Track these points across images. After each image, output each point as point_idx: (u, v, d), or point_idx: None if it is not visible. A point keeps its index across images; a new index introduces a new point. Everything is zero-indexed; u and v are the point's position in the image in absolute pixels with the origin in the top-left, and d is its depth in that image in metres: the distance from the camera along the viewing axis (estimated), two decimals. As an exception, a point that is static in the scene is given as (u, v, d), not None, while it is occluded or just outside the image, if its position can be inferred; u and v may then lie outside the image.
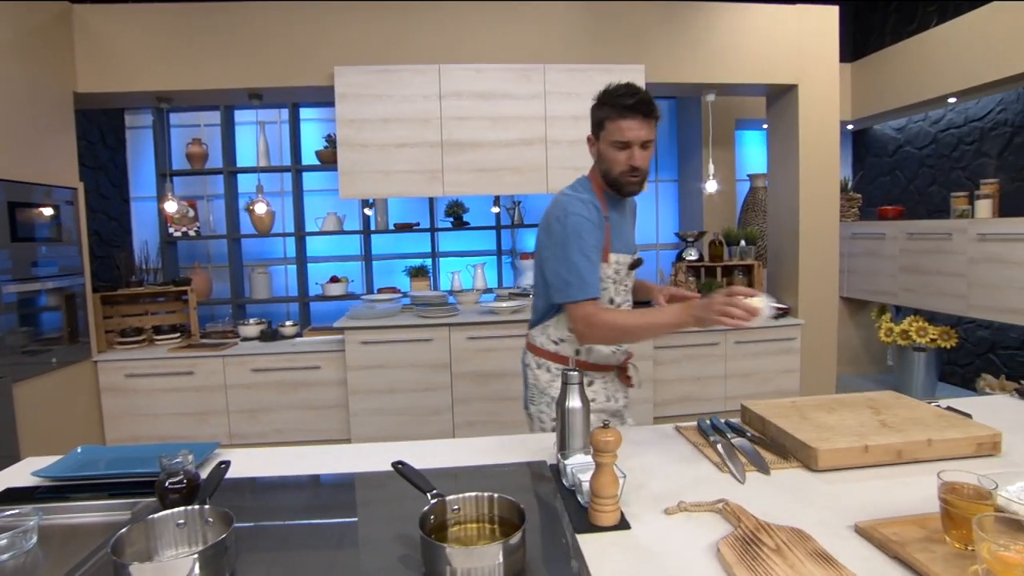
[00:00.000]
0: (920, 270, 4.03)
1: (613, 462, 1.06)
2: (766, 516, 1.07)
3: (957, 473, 1.00)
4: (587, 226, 1.52)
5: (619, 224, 1.64)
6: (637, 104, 1.49)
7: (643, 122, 1.50)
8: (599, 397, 1.71)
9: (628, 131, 1.50)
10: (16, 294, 2.83)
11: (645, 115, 1.49)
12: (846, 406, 1.56)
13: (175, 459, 1.18)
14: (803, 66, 3.68)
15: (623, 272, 1.66)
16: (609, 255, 1.60)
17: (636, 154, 1.51)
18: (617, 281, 1.66)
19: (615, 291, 1.66)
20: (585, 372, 1.65)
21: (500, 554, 0.88)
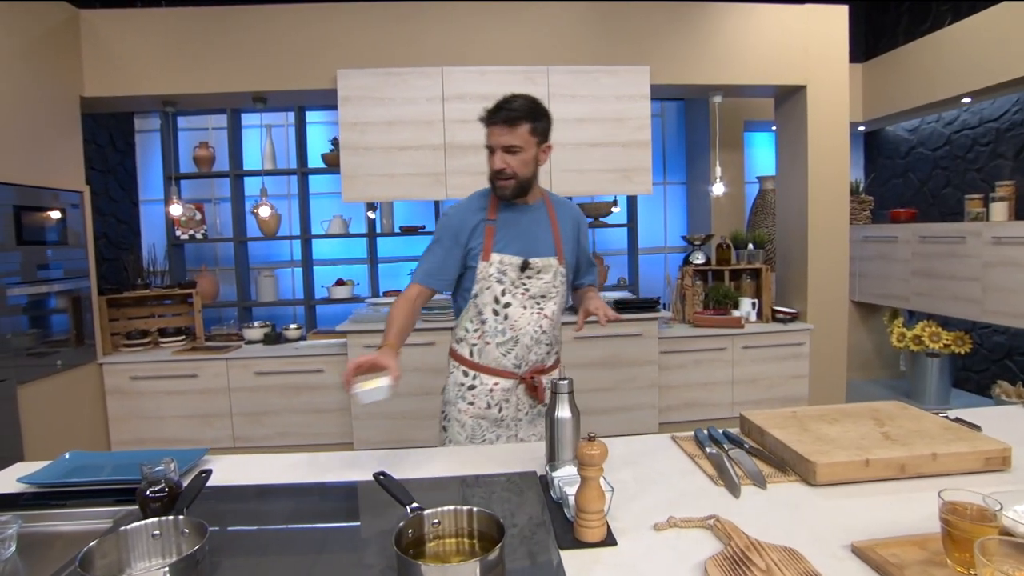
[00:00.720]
0: (933, 274, 3.94)
1: (599, 476, 1.03)
2: (760, 533, 1.04)
3: (960, 492, 0.96)
4: (447, 224, 1.71)
5: (512, 226, 1.69)
6: (495, 112, 1.61)
7: (504, 128, 1.60)
8: (478, 402, 1.72)
9: (490, 136, 1.64)
10: (22, 297, 2.85)
11: (505, 122, 1.59)
12: (849, 417, 1.52)
13: (157, 467, 1.16)
14: (811, 67, 3.61)
15: (512, 273, 1.67)
16: (490, 255, 1.66)
17: (496, 157, 1.63)
18: (504, 281, 1.67)
19: (502, 291, 1.68)
20: (478, 375, 1.72)
21: (477, 571, 0.85)
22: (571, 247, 1.78)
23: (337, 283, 4.41)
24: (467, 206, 1.73)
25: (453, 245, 1.68)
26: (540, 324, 1.70)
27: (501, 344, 1.69)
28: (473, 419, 1.73)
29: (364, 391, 1.31)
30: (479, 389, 1.72)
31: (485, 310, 1.68)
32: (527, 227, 1.70)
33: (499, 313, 1.68)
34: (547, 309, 1.72)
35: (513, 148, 1.60)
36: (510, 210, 1.71)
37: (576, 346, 3.46)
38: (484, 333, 1.70)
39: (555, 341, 1.79)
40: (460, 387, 1.75)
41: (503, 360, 1.70)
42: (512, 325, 1.68)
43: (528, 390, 1.74)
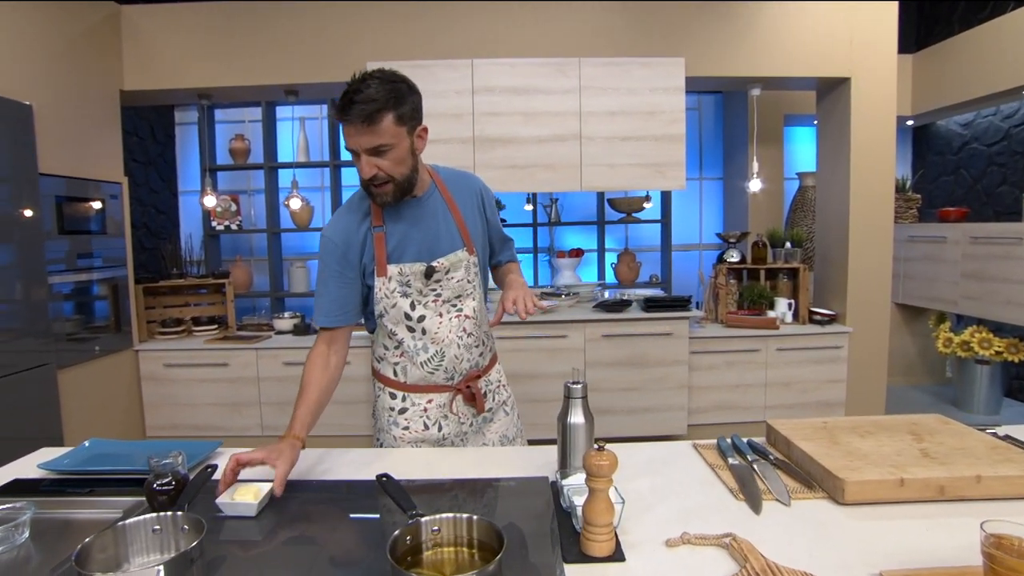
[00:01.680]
0: (985, 276, 3.73)
1: (608, 488, 0.99)
2: (779, 555, 0.98)
3: (1006, 523, 0.87)
4: (329, 247, 1.43)
5: (407, 230, 1.44)
6: (347, 106, 1.26)
7: (363, 127, 1.26)
8: (413, 424, 1.52)
9: (348, 138, 1.30)
10: (64, 284, 2.95)
11: (363, 120, 1.25)
12: (885, 430, 1.43)
13: (164, 461, 1.17)
14: (857, 58, 3.44)
15: (417, 282, 1.44)
16: (387, 267, 1.42)
17: (363, 163, 1.31)
18: (411, 293, 1.45)
19: (411, 304, 1.45)
20: (407, 394, 1.52)
21: None
22: (479, 228, 1.54)
23: (367, 275, 4.44)
24: (347, 219, 1.43)
25: (344, 268, 1.42)
26: (463, 327, 1.50)
27: (427, 362, 1.48)
28: (412, 445, 1.53)
29: (227, 503, 1.15)
30: (412, 411, 1.52)
31: (398, 329, 1.46)
32: (422, 224, 1.44)
33: (415, 329, 1.46)
34: (467, 309, 1.50)
35: (380, 148, 1.28)
36: (398, 209, 1.43)
37: (602, 344, 3.40)
38: (404, 353, 1.49)
39: (486, 338, 1.59)
40: (390, 412, 1.53)
41: (432, 377, 1.50)
42: (433, 338, 1.47)
43: (466, 400, 1.54)
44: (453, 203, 1.50)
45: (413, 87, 1.37)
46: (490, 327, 1.57)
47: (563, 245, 4.74)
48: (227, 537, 1.10)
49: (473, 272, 1.52)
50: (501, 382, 1.68)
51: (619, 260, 4.48)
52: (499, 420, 1.64)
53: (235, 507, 1.16)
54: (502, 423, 1.64)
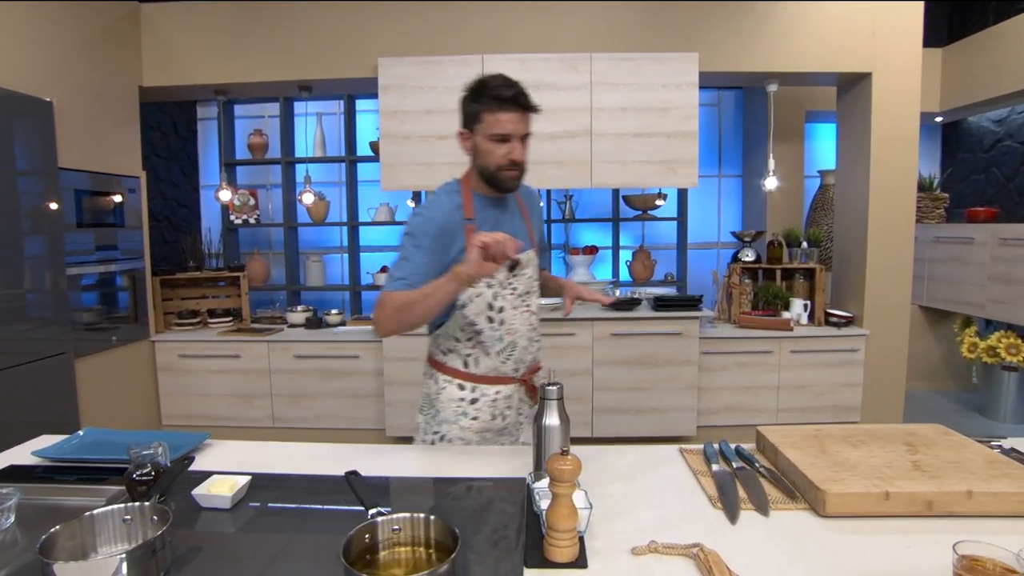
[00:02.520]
0: (1014, 280, 3.59)
1: (570, 493, 0.97)
2: (750, 568, 0.95)
3: (982, 545, 0.84)
4: (427, 225, 1.46)
5: (496, 225, 1.50)
6: (516, 96, 1.43)
7: (522, 115, 1.44)
8: (482, 415, 1.57)
9: (508, 124, 1.42)
10: (82, 275, 3.04)
11: (524, 108, 1.44)
12: (879, 440, 1.38)
13: (144, 451, 1.19)
14: (878, 52, 3.33)
15: (500, 275, 1.52)
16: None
17: (516, 148, 1.44)
18: (493, 285, 1.51)
19: (493, 295, 1.52)
20: (476, 385, 1.57)
21: None
22: (537, 232, 1.67)
23: (382, 270, 4.47)
24: (445, 204, 1.50)
25: (437, 249, 1.46)
26: (531, 322, 1.60)
27: (500, 352, 1.55)
28: (479, 435, 1.58)
29: (202, 495, 1.18)
30: (482, 402, 1.57)
31: (478, 319, 1.52)
32: (505, 221, 1.55)
33: (494, 320, 1.53)
34: (532, 304, 1.61)
35: (526, 136, 1.47)
36: (486, 203, 1.52)
37: (611, 343, 3.37)
38: (481, 343, 1.55)
39: (539, 335, 1.68)
40: (459, 403, 1.58)
41: (502, 367, 1.57)
42: (509, 330, 1.55)
43: (528, 391, 1.65)
44: (524, 206, 1.64)
45: None
46: (565, 316, 1.68)
47: (578, 242, 4.70)
48: (202, 528, 1.13)
49: (536, 270, 1.64)
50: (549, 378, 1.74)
51: (634, 258, 4.43)
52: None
53: (210, 499, 1.18)
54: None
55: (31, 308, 2.71)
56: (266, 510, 1.20)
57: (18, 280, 2.64)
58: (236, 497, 1.20)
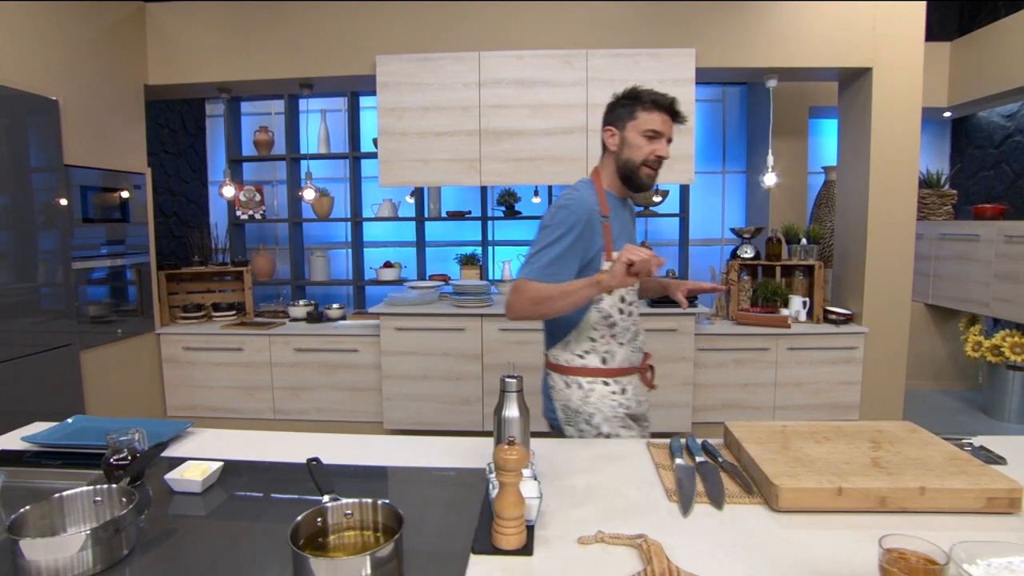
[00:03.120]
0: (1019, 278, 3.54)
1: (516, 482, 1.00)
2: (694, 559, 0.97)
3: (907, 539, 0.85)
4: (571, 220, 1.52)
5: (623, 224, 1.66)
6: (672, 103, 1.59)
7: (671, 121, 1.59)
8: (631, 404, 1.68)
9: (661, 123, 1.57)
10: (87, 270, 3.12)
11: (675, 118, 1.59)
12: (845, 436, 1.39)
13: (122, 436, 1.25)
14: (879, 47, 3.29)
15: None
16: (612, 254, 1.57)
17: (663, 146, 1.58)
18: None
19: (626, 290, 1.63)
20: (616, 379, 1.66)
21: (367, 565, 0.85)
22: None
23: (385, 265, 4.52)
24: (588, 200, 1.56)
25: (577, 243, 1.52)
26: (639, 313, 1.73)
27: (631, 341, 1.66)
28: (626, 428, 1.66)
29: (175, 479, 1.23)
30: (629, 391, 1.67)
31: (613, 312, 1.62)
32: (626, 221, 1.69)
33: (624, 311, 1.64)
34: (636, 297, 1.72)
35: (669, 142, 1.61)
36: (618, 204, 1.65)
37: (606, 339, 3.38)
38: (615, 336, 1.63)
39: None
40: (612, 396, 1.65)
41: (633, 357, 1.68)
42: (635, 321, 1.68)
43: (643, 379, 1.74)
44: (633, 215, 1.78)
45: None
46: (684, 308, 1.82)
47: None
48: (174, 511, 1.18)
49: None
50: None
51: (634, 254, 4.42)
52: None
53: (182, 483, 1.23)
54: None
55: (38, 301, 2.79)
56: (235, 495, 1.24)
57: (25, 273, 2.72)
58: (207, 482, 1.24)
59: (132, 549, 0.99)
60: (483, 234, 4.56)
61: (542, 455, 1.42)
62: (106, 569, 0.93)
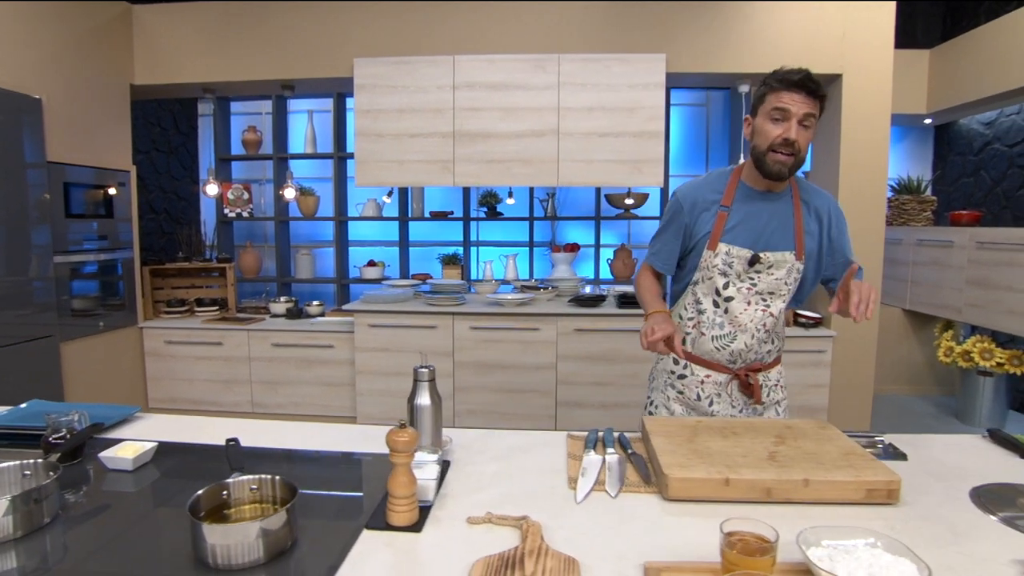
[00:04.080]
0: (989, 284, 3.56)
1: (407, 462, 1.06)
2: (571, 540, 1.03)
3: (747, 522, 0.91)
4: (675, 207, 1.64)
5: (749, 216, 1.56)
6: (803, 80, 1.44)
7: (806, 98, 1.44)
8: (688, 392, 1.66)
9: (789, 102, 1.44)
10: (68, 264, 3.21)
11: (809, 92, 1.44)
12: (754, 432, 1.44)
13: (63, 417, 1.33)
14: (849, 54, 3.33)
15: (739, 266, 1.56)
16: (718, 244, 1.56)
17: (793, 126, 1.45)
18: (729, 274, 1.57)
19: (725, 284, 1.58)
20: (687, 363, 1.67)
21: (255, 532, 0.92)
22: (816, 241, 1.60)
23: (368, 264, 4.60)
24: (703, 185, 1.61)
25: (679, 229, 1.61)
26: (764, 322, 1.59)
27: (717, 338, 1.60)
28: (683, 408, 1.67)
29: (108, 457, 1.30)
30: (689, 379, 1.65)
31: (704, 299, 1.61)
32: (766, 217, 1.56)
33: (719, 305, 1.60)
34: (774, 307, 1.59)
35: (807, 121, 1.45)
36: (749, 195, 1.57)
37: (575, 338, 3.44)
38: (701, 323, 1.62)
39: (777, 339, 1.68)
40: (670, 375, 1.69)
41: (717, 354, 1.62)
42: (732, 320, 1.59)
43: (742, 387, 1.63)
44: (800, 211, 1.59)
45: None
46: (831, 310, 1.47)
47: (564, 240, 4.77)
48: (107, 487, 1.26)
49: (794, 276, 1.60)
50: (780, 383, 1.72)
51: (615, 256, 4.48)
52: (768, 416, 1.67)
53: (114, 461, 1.31)
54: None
55: (19, 293, 2.88)
56: (165, 473, 1.31)
57: (7, 267, 2.81)
58: (139, 461, 1.32)
59: (54, 518, 1.07)
60: (465, 235, 4.63)
61: (462, 443, 1.48)
62: (27, 535, 1.01)
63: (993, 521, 1.11)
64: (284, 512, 0.96)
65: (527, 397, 3.47)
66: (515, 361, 3.46)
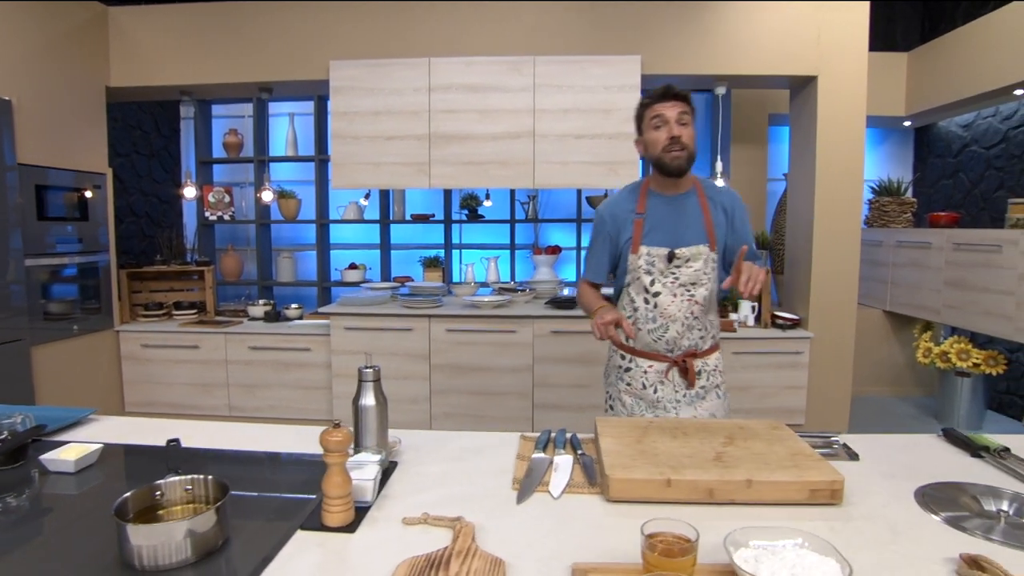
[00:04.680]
0: (965, 285, 3.57)
1: (341, 462, 1.05)
2: (504, 541, 1.02)
3: (668, 522, 0.90)
4: (598, 221, 1.85)
5: (662, 219, 1.75)
6: (667, 89, 1.69)
7: (674, 102, 1.67)
8: (635, 383, 1.83)
9: (662, 109, 1.68)
10: (39, 267, 3.18)
11: (674, 96, 1.67)
12: (704, 432, 1.43)
13: (6, 419, 1.32)
14: (824, 56, 3.34)
15: (660, 264, 1.74)
16: (639, 247, 1.75)
17: (673, 126, 1.66)
18: (653, 272, 1.75)
19: (651, 281, 1.76)
20: (631, 357, 1.84)
21: (182, 532, 0.92)
22: (723, 231, 1.79)
23: (350, 267, 4.59)
24: (619, 199, 1.84)
25: (604, 241, 1.83)
26: (691, 311, 1.75)
27: (652, 330, 1.77)
28: (632, 399, 1.84)
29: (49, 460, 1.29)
30: (635, 371, 1.83)
31: (637, 298, 1.78)
32: (676, 217, 1.75)
33: (649, 301, 1.77)
34: (698, 295, 1.75)
35: (683, 118, 1.67)
36: (659, 201, 1.77)
37: (551, 340, 3.43)
38: (637, 319, 1.79)
39: (709, 326, 1.82)
40: (618, 369, 1.88)
41: (655, 345, 1.79)
42: (662, 312, 1.75)
43: (681, 373, 1.79)
44: (707, 207, 1.78)
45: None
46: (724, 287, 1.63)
47: (549, 242, 4.76)
48: (48, 490, 1.25)
49: (711, 266, 1.77)
50: (718, 368, 1.87)
51: (596, 258, 4.47)
52: (710, 400, 1.84)
53: (56, 463, 1.29)
54: (713, 403, 1.85)
55: (-12, 297, 2.85)
56: (105, 474, 1.30)
57: (-26, 269, 2.79)
58: (83, 463, 1.30)
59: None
60: (446, 237, 4.62)
61: (414, 445, 1.47)
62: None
63: (934, 520, 1.11)
64: (213, 511, 0.95)
65: (504, 399, 3.46)
66: (492, 363, 3.45)
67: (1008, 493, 1.20)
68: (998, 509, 1.17)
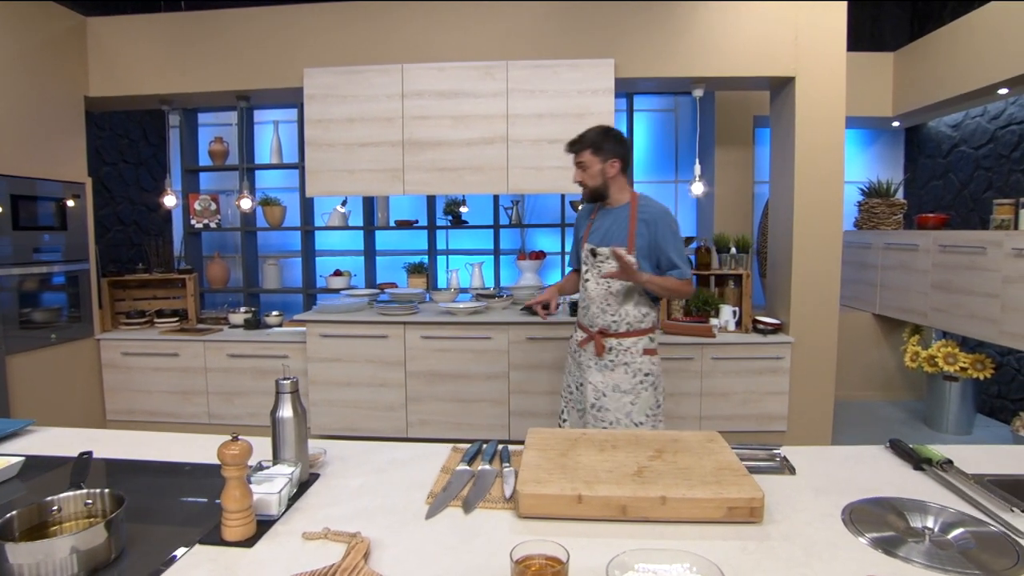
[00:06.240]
0: (951, 288, 3.51)
1: (240, 475, 1.03)
2: (398, 560, 1.00)
3: (535, 543, 0.88)
4: (576, 222, 2.46)
5: (600, 224, 2.27)
6: (567, 146, 2.28)
7: (571, 154, 2.26)
8: (572, 344, 2.41)
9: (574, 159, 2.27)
10: (14, 277, 3.19)
11: (570, 150, 2.25)
12: (635, 444, 1.40)
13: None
14: (802, 57, 3.29)
15: (589, 258, 2.25)
16: (584, 243, 2.28)
17: (576, 173, 2.26)
18: (587, 263, 2.26)
19: (585, 270, 2.28)
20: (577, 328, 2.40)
21: (67, 548, 0.90)
22: (645, 242, 2.19)
23: (335, 273, 4.58)
24: (585, 209, 2.41)
25: (577, 235, 2.40)
26: (606, 298, 2.22)
27: (583, 308, 2.31)
28: (570, 358, 2.41)
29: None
30: (574, 337, 2.39)
31: (582, 282, 2.31)
32: (608, 224, 2.24)
33: (583, 286, 2.30)
34: (614, 287, 2.21)
35: (580, 165, 2.23)
36: (603, 212, 2.29)
37: (526, 347, 3.40)
38: (581, 298, 2.33)
39: (625, 315, 2.22)
40: (570, 340, 2.44)
41: (583, 319, 2.32)
42: (587, 295, 2.27)
43: (597, 346, 2.24)
44: (634, 218, 2.21)
45: (615, 137, 2.23)
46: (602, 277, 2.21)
47: (535, 247, 4.74)
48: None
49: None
50: (632, 350, 2.22)
51: (581, 263, 4.44)
52: (619, 373, 2.22)
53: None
54: (621, 378, 2.22)
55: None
56: (33, 488, 1.29)
57: (-53, 280, 2.80)
58: (2, 476, 1.29)
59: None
60: (430, 243, 4.61)
61: (341, 456, 1.45)
62: None
63: (856, 541, 1.07)
64: (102, 526, 0.94)
65: (480, 407, 3.44)
66: (467, 370, 3.43)
67: (934, 508, 1.16)
68: (923, 526, 1.13)
